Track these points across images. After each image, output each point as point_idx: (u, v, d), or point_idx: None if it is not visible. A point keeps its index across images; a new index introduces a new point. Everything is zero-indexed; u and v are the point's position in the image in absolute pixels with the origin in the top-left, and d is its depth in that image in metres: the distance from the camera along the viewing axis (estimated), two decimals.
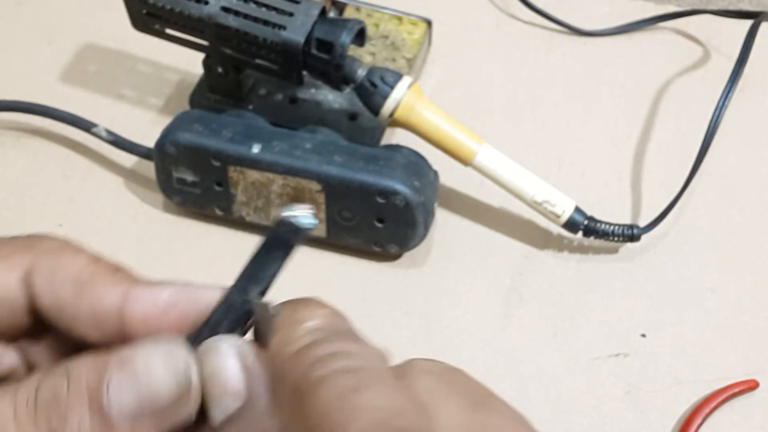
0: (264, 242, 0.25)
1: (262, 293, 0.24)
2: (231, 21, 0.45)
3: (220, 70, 0.48)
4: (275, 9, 0.44)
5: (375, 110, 0.45)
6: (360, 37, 0.46)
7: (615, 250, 0.48)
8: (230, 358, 0.23)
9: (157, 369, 0.23)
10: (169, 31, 0.47)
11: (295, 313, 0.23)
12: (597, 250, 0.48)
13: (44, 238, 0.26)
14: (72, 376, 0.22)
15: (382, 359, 0.22)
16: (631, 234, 0.47)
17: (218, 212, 0.48)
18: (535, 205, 0.46)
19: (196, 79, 0.52)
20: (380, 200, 0.44)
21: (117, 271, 0.26)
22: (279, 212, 0.25)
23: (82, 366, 0.23)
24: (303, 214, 0.24)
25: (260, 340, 0.24)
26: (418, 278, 0.48)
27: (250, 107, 0.50)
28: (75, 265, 0.25)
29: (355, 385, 0.20)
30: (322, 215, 0.46)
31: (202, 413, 0.23)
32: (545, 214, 0.46)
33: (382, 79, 0.45)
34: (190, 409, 0.23)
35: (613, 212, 0.49)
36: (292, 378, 0.21)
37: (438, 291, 0.47)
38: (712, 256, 0.48)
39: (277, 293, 0.24)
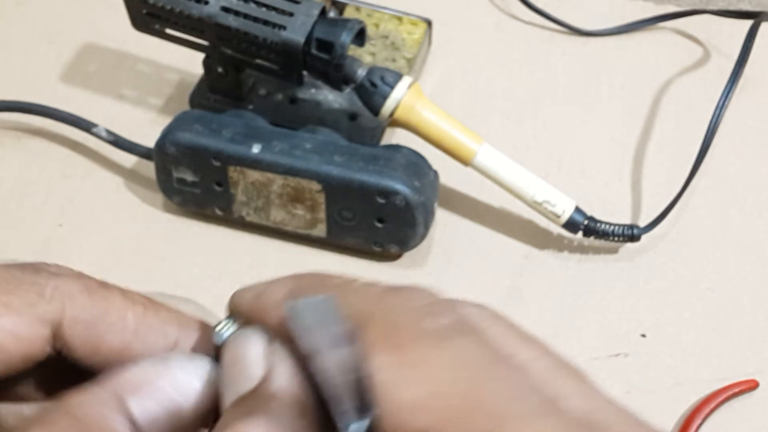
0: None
1: None
2: (231, 21, 0.45)
3: (220, 70, 0.48)
4: (275, 9, 0.44)
5: (375, 110, 0.45)
6: (360, 37, 0.46)
7: (615, 250, 0.48)
8: (255, 344, 0.21)
9: (182, 376, 0.21)
10: (169, 31, 0.47)
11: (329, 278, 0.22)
12: (597, 250, 0.48)
13: (62, 276, 0.23)
14: (82, 418, 0.20)
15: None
16: (631, 234, 0.47)
17: (218, 212, 0.48)
18: (535, 205, 0.46)
19: (196, 79, 0.52)
20: (380, 200, 0.44)
21: (160, 310, 0.24)
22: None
23: (87, 405, 0.20)
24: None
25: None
26: (418, 278, 0.47)
27: (250, 107, 0.50)
28: (113, 310, 0.23)
29: (505, 347, 0.20)
30: (322, 215, 0.46)
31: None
32: (545, 214, 0.46)
33: (382, 79, 0.45)
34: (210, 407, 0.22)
35: (613, 212, 0.49)
36: (400, 320, 0.20)
37: (438, 291, 0.47)
38: (712, 256, 0.48)
39: None
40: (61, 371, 0.24)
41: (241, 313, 0.23)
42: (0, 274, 0.22)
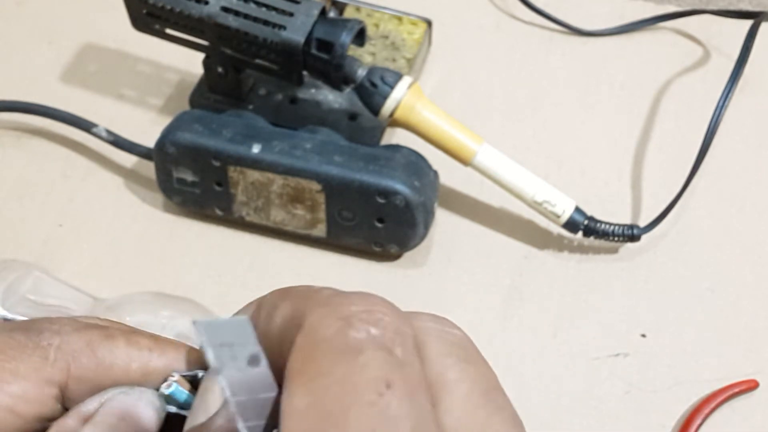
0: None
1: None
2: (231, 21, 0.45)
3: (220, 70, 0.48)
4: (275, 9, 0.44)
5: (375, 110, 0.45)
6: (360, 37, 0.46)
7: (615, 250, 0.48)
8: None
9: (141, 410, 0.23)
10: (169, 31, 0.47)
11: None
12: (597, 250, 0.48)
13: (63, 335, 0.24)
14: None
15: (402, 317, 0.20)
16: (631, 234, 0.47)
17: (218, 212, 0.48)
18: (535, 205, 0.46)
19: (196, 79, 0.52)
20: (380, 200, 0.44)
21: (166, 350, 0.25)
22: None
23: None
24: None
25: None
26: (418, 278, 0.48)
27: (250, 107, 0.50)
28: (117, 363, 0.24)
29: (387, 378, 0.18)
30: (323, 215, 0.46)
31: None
32: (545, 214, 0.46)
33: (382, 79, 0.45)
34: None
35: (613, 212, 0.50)
36: (320, 325, 0.19)
37: (438, 291, 0.47)
38: (712, 256, 0.48)
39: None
40: None
41: None
42: (4, 341, 0.24)
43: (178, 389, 0.24)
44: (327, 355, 0.19)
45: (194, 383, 0.24)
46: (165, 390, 0.24)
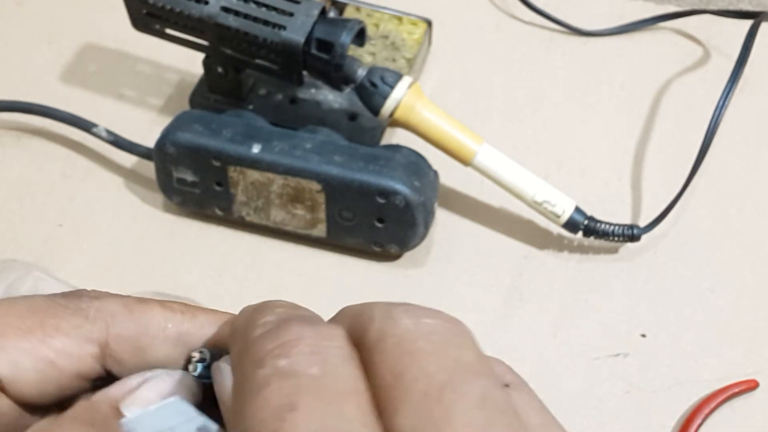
0: None
1: None
2: (231, 21, 0.45)
3: (220, 70, 0.48)
4: (275, 9, 0.44)
5: (375, 110, 0.45)
6: (360, 37, 0.46)
7: (615, 250, 0.48)
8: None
9: (163, 386, 0.23)
10: (169, 31, 0.47)
11: (254, 313, 0.23)
12: (597, 250, 0.48)
13: (102, 299, 0.25)
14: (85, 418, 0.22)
15: (335, 337, 0.20)
16: (631, 234, 0.47)
17: (218, 212, 0.48)
18: (535, 205, 0.46)
19: (196, 79, 0.52)
20: (380, 200, 0.44)
21: (197, 314, 0.25)
22: None
23: (90, 408, 0.22)
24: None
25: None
26: (418, 278, 0.48)
27: (250, 107, 0.50)
28: (153, 322, 0.25)
29: (290, 401, 0.18)
30: (322, 215, 0.46)
31: None
32: (545, 214, 0.46)
33: (382, 79, 0.45)
34: None
35: (613, 212, 0.50)
36: (242, 373, 0.20)
37: (438, 291, 0.47)
38: (712, 256, 0.48)
39: (277, 293, 0.24)
40: None
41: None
42: (46, 302, 0.25)
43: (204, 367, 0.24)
44: (239, 400, 0.19)
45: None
46: (194, 372, 0.24)
